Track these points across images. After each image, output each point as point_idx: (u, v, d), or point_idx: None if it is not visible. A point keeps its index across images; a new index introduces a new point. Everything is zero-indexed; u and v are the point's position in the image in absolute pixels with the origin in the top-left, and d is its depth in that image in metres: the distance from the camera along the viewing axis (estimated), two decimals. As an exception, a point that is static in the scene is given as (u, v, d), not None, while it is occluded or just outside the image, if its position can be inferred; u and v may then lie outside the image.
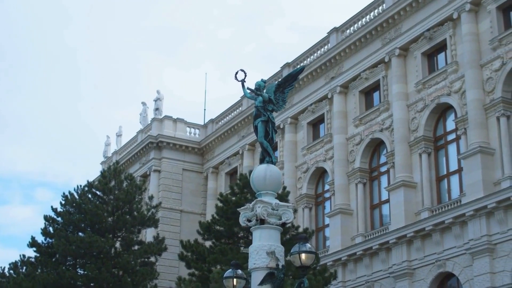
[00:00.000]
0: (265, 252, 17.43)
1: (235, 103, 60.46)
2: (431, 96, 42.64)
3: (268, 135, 19.55)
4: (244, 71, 19.91)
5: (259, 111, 19.69)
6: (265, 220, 17.94)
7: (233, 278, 18.26)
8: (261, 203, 18.00)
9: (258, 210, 17.87)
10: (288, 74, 20.13)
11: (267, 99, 19.37)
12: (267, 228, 18.06)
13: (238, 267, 18.62)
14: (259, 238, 18.01)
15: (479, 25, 40.70)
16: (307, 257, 16.96)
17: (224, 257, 35.64)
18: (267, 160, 19.21)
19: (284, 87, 19.84)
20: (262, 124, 19.53)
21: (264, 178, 18.66)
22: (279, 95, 19.76)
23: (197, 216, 60.34)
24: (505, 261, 36.03)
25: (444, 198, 41.77)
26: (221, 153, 60.44)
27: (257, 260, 17.52)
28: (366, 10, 48.32)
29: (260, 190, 18.72)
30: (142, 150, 62.23)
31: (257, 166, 19.24)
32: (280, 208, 18.09)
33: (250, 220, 18.29)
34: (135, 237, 47.53)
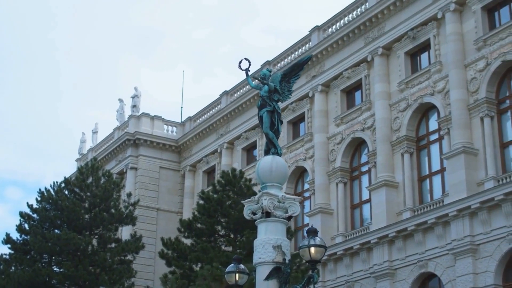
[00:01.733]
0: (271, 246, 16.94)
1: (213, 101, 59.96)
2: (414, 95, 42.44)
3: (274, 125, 19.02)
4: (249, 60, 19.47)
5: (264, 101, 19.20)
6: (271, 213, 17.42)
7: (235, 273, 17.74)
8: (268, 195, 17.48)
9: (265, 203, 17.36)
10: (294, 64, 19.66)
11: (273, 88, 18.86)
12: (273, 221, 17.55)
13: (240, 262, 18.09)
14: (265, 232, 17.49)
15: (463, 25, 40.56)
16: (316, 251, 16.51)
17: (206, 255, 35.20)
18: (272, 151, 18.72)
19: (289, 77, 19.37)
20: (267, 115, 19.04)
21: (270, 170, 18.14)
22: (285, 85, 19.30)
23: (173, 214, 59.84)
24: (488, 262, 35.87)
25: (426, 198, 41.58)
26: (198, 151, 59.90)
27: (263, 254, 17.02)
28: (348, 8, 48.03)
29: (265, 182, 18.16)
30: (118, 147, 61.53)
31: (262, 158, 18.73)
32: (286, 201, 17.60)
33: (254, 213, 17.76)
34: (113, 234, 46.92)
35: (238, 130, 55.70)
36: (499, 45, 38.18)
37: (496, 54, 38.24)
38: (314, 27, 50.31)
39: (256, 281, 16.90)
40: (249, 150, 55.61)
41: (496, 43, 38.34)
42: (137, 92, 62.66)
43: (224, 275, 27.70)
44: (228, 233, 37.63)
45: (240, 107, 55.60)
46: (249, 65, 19.49)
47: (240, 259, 18.30)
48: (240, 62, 19.54)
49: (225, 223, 36.95)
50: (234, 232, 37.42)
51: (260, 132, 53.44)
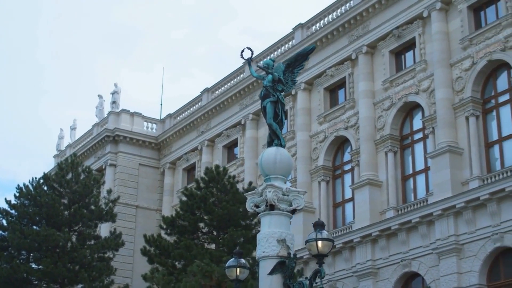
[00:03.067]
0: (276, 240, 16.52)
1: (194, 98, 59.51)
2: (398, 94, 42.28)
3: (277, 116, 18.59)
4: (251, 49, 19.05)
5: (267, 91, 18.74)
6: (275, 206, 16.97)
7: (236, 268, 17.31)
8: (272, 187, 17.03)
9: (269, 195, 16.91)
10: (298, 53, 19.25)
11: (277, 78, 18.45)
12: (277, 215, 17.11)
13: (241, 256, 17.67)
14: (269, 225, 17.03)
15: (449, 24, 40.47)
16: (324, 244, 16.15)
17: (189, 253, 34.78)
18: (276, 143, 18.32)
19: (293, 67, 18.95)
20: (271, 105, 18.59)
21: (274, 162, 17.71)
22: (289, 75, 18.88)
23: (152, 212, 59.40)
24: (473, 261, 35.76)
25: (410, 197, 41.43)
26: (178, 149, 59.40)
27: (267, 248, 16.58)
28: (333, 6, 47.78)
29: (269, 174, 17.71)
30: (98, 143, 60.88)
31: (265, 149, 18.30)
32: (291, 194, 17.18)
33: (258, 206, 17.29)
34: (92, 231, 46.34)
35: (219, 127, 55.30)
36: (485, 45, 38.09)
37: (482, 54, 38.14)
38: (297, 24, 50.03)
39: (259, 275, 16.50)
40: (230, 148, 55.23)
41: (482, 43, 38.24)
42: (116, 88, 62.04)
43: (214, 271, 27.56)
44: (211, 230, 37.20)
45: (221, 104, 55.20)
46: (252, 54, 19.06)
47: (241, 253, 17.89)
48: (242, 51, 19.14)
49: (208, 220, 36.53)
50: (217, 230, 37.01)
51: (241, 130, 53.14)
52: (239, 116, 53.48)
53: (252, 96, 52.61)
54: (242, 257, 30.00)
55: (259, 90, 51.51)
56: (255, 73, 19.49)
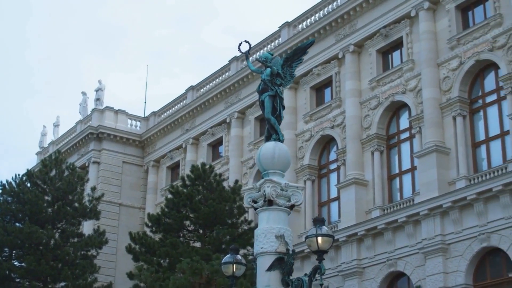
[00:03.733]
0: (274, 236, 16.30)
1: (179, 96, 59.21)
2: (385, 93, 42.21)
3: (276, 111, 18.38)
4: (249, 43, 18.82)
5: (266, 85, 18.48)
6: (273, 201, 16.74)
7: (232, 264, 17.06)
8: (271, 182, 16.80)
9: (267, 190, 16.67)
10: (297, 47, 19.03)
11: (276, 72, 18.24)
12: (275, 210, 16.87)
13: (237, 252, 17.41)
14: (267, 221, 16.78)
15: (437, 23, 40.43)
16: (324, 240, 15.93)
17: (175, 251, 34.54)
18: (274, 137, 18.07)
19: (292, 61, 18.71)
20: (269, 99, 18.34)
21: (272, 157, 17.48)
22: (287, 70, 18.65)
23: (136, 210, 59.11)
24: (459, 261, 35.73)
25: (396, 197, 41.37)
26: (163, 147, 59.07)
27: (265, 244, 16.34)
28: (320, 5, 47.64)
29: (267, 169, 17.48)
30: (81, 140, 60.45)
31: (264, 144, 18.07)
32: (289, 189, 16.96)
33: (255, 201, 17.05)
34: (76, 229, 45.97)
35: (204, 125, 55.05)
36: (473, 44, 38.09)
37: (470, 53, 38.14)
38: (284, 23, 49.86)
39: (257, 272, 16.27)
40: (215, 146, 54.98)
41: (470, 42, 38.23)
42: (101, 85, 61.64)
43: (204, 268, 27.33)
44: (197, 228, 36.96)
45: (206, 102, 54.94)
46: (249, 47, 18.84)
47: (238, 249, 17.65)
48: (240, 44, 18.89)
49: (194, 218, 36.28)
50: (203, 228, 36.78)
51: (226, 128, 52.92)
52: (224, 114, 53.25)
53: (237, 94, 52.41)
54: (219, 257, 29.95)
55: (244, 89, 51.81)
56: (252, 67, 19.28)
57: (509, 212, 34.16)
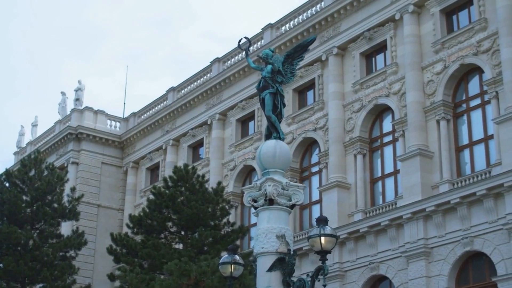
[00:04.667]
0: (275, 236, 15.98)
1: (159, 97, 58.81)
2: (368, 96, 42.11)
3: (276, 109, 18.10)
4: (249, 39, 18.55)
5: (266, 82, 18.18)
6: (274, 200, 16.45)
7: (231, 264, 16.73)
8: (272, 181, 16.47)
9: (269, 189, 16.33)
10: (298, 44, 18.78)
11: (277, 69, 17.97)
12: (276, 209, 16.54)
13: (235, 252, 17.11)
14: (268, 220, 16.45)
15: (421, 27, 40.42)
16: (327, 240, 15.69)
17: (157, 252, 34.18)
18: (274, 136, 17.77)
19: (293, 58, 18.45)
20: (270, 97, 18.04)
21: (273, 155, 17.14)
22: (288, 67, 18.39)
23: (114, 211, 58.66)
24: (442, 265, 35.67)
25: (378, 200, 41.28)
26: (142, 148, 58.61)
27: (266, 244, 16.01)
28: (303, 7, 47.49)
29: (268, 168, 17.13)
30: (60, 141, 59.85)
31: (264, 142, 17.77)
32: (290, 188, 16.67)
33: (255, 200, 16.74)
34: (55, 229, 45.43)
35: (185, 127, 54.69)
36: (457, 48, 38.09)
37: (455, 57, 38.13)
38: (267, 24, 49.65)
39: (257, 272, 15.96)
40: (195, 147, 54.64)
41: (455, 46, 38.23)
42: (80, 85, 61.08)
43: (192, 270, 27.00)
44: (179, 230, 36.60)
45: (187, 103, 54.59)
46: (249, 44, 18.58)
47: (235, 248, 17.32)
48: (240, 41, 18.60)
49: (177, 219, 35.94)
50: (185, 230, 36.44)
51: (207, 130, 52.60)
52: (205, 116, 52.95)
53: (219, 96, 52.12)
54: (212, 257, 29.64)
55: (226, 90, 51.54)
56: (252, 64, 18.99)
57: (493, 216, 34.16)
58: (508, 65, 35.07)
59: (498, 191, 33.87)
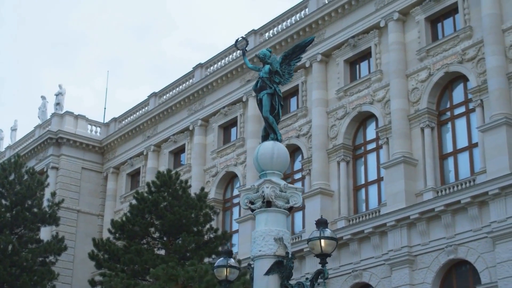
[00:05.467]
0: (273, 238, 15.69)
1: (140, 102, 58.48)
2: (352, 104, 42.03)
3: (274, 109, 17.89)
4: (246, 39, 18.34)
5: (264, 82, 18.00)
6: (272, 202, 16.21)
7: (226, 268, 16.45)
8: (270, 183, 16.22)
9: (267, 191, 16.08)
10: (296, 45, 18.62)
11: (275, 70, 17.77)
12: (274, 212, 16.28)
13: (231, 255, 16.84)
14: (265, 223, 16.19)
15: (406, 34, 40.43)
16: (327, 243, 15.49)
17: (140, 258, 33.83)
18: (271, 137, 17.57)
19: (290, 59, 18.30)
20: (267, 97, 17.86)
21: (271, 157, 16.93)
22: (285, 67, 18.23)
23: (94, 217, 58.23)
24: (425, 273, 35.59)
25: (361, 207, 41.17)
26: (123, 153, 58.19)
27: (263, 247, 15.75)
28: (287, 13, 47.38)
29: (265, 170, 16.90)
30: (40, 145, 59.29)
31: (261, 144, 17.58)
32: (288, 190, 16.43)
33: (252, 202, 16.48)
34: (34, 235, 44.92)
35: (166, 132, 54.36)
36: (442, 56, 38.10)
37: (439, 65, 38.15)
38: (250, 31, 49.46)
39: (254, 275, 15.70)
40: (177, 153, 54.32)
41: (440, 54, 38.25)
42: (61, 89, 60.58)
43: (179, 275, 26.69)
44: (162, 235, 36.27)
45: (169, 109, 54.28)
46: (247, 44, 18.39)
47: (231, 252, 17.05)
48: (237, 40, 18.40)
49: (160, 225, 35.60)
50: (168, 235, 36.10)
51: (189, 135, 52.31)
52: (187, 121, 52.66)
53: (201, 101, 51.86)
54: (194, 263, 29.34)
55: (209, 96, 51.29)
56: (250, 64, 18.81)
57: (477, 224, 34.15)
58: (493, 73, 35.13)
59: (482, 199, 33.87)
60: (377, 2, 41.71)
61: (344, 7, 43.13)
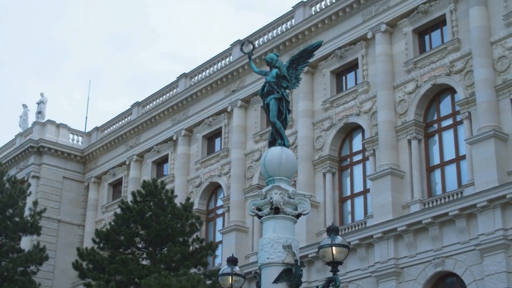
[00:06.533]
0: (281, 246, 15.48)
1: (123, 111, 58.06)
2: (339, 115, 41.89)
3: (282, 114, 17.63)
4: (252, 43, 18.12)
5: (271, 87, 17.74)
6: (280, 209, 15.93)
7: (231, 276, 16.14)
8: (279, 189, 15.96)
9: (275, 197, 15.81)
10: (304, 50, 18.47)
11: (283, 74, 17.53)
12: (282, 219, 16.04)
13: (236, 263, 16.53)
14: (274, 230, 15.93)
15: (393, 46, 40.38)
16: (339, 251, 15.22)
17: (126, 268, 33.41)
18: (279, 142, 17.31)
19: (298, 64, 18.10)
20: (275, 102, 17.59)
21: (279, 163, 16.67)
22: (292, 72, 18.03)
23: (75, 227, 57.69)
24: (412, 285, 35.41)
25: (347, 219, 40.99)
26: (105, 163, 57.70)
27: (272, 254, 15.48)
28: (273, 24, 47.23)
29: (273, 176, 16.63)
30: (20, 154, 58.68)
31: (269, 149, 17.31)
32: (296, 197, 16.17)
33: (259, 209, 16.19)
34: (16, 244, 44.33)
35: (149, 142, 53.96)
36: (430, 68, 38.07)
37: (427, 77, 38.11)
38: (236, 40, 49.29)
39: (261, 284, 15.41)
40: (160, 163, 53.94)
41: (427, 66, 38.22)
42: (43, 98, 60.08)
43: (172, 284, 26.31)
44: (147, 245, 35.86)
45: (152, 119, 53.91)
46: (253, 48, 18.17)
47: (236, 260, 16.75)
48: (243, 44, 18.15)
49: (145, 235, 35.20)
50: (153, 245, 35.71)
51: (173, 146, 51.95)
52: (171, 131, 52.31)
53: (185, 111, 51.53)
54: (186, 272, 28.98)
55: (193, 106, 50.95)
56: (256, 68, 18.58)
57: (465, 237, 34.03)
58: (481, 85, 35.12)
59: (470, 212, 33.76)
60: (364, 13, 41.66)
61: (331, 18, 43.05)
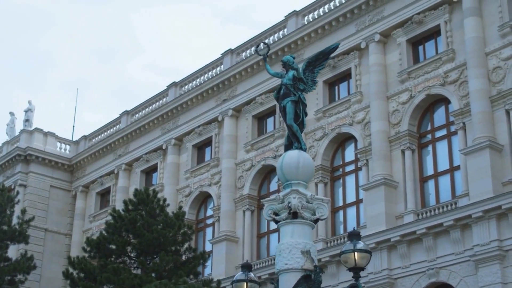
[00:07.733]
0: (300, 251, 15.16)
1: (112, 120, 57.63)
2: (331, 125, 41.70)
3: (298, 118, 17.34)
4: (267, 45, 17.86)
5: (288, 89, 17.47)
6: (298, 213, 15.61)
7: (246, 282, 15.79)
8: (297, 193, 15.69)
9: (293, 202, 15.52)
10: (320, 52, 18.20)
11: (300, 76, 17.25)
12: (300, 224, 15.74)
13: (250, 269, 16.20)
14: (292, 235, 15.62)
15: (387, 56, 40.25)
16: (361, 256, 14.91)
17: (117, 277, 32.99)
18: (296, 146, 17.01)
19: (314, 66, 17.84)
20: (291, 105, 17.32)
21: (297, 166, 16.37)
22: (309, 75, 17.76)
23: (61, 236, 57.15)
24: (406, 297, 35.22)
25: (339, 230, 40.75)
26: (93, 172, 57.20)
27: (290, 260, 15.15)
28: (265, 33, 47.03)
29: (290, 180, 16.35)
30: (7, 162, 58.09)
31: (286, 153, 16.98)
32: (314, 201, 15.87)
33: (277, 214, 15.85)
34: (3, 252, 43.78)
35: (138, 151, 53.54)
36: (424, 79, 37.97)
37: (421, 87, 38.00)
38: (227, 50, 49.09)
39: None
40: (149, 172, 53.52)
41: (421, 76, 38.11)
42: (30, 106, 59.57)
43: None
44: (139, 254, 35.43)
45: (142, 127, 53.50)
46: (268, 50, 17.90)
47: (250, 265, 16.40)
48: (257, 46, 17.88)
49: (137, 244, 34.80)
50: (145, 254, 35.30)
51: (162, 155, 51.57)
52: (160, 140, 51.95)
53: (175, 120, 51.19)
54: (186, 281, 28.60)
55: (183, 115, 50.62)
56: (271, 70, 18.29)
57: (459, 247, 33.87)
58: (476, 96, 35.03)
59: (465, 222, 33.62)
60: (358, 23, 41.55)
61: (324, 27, 42.93)
